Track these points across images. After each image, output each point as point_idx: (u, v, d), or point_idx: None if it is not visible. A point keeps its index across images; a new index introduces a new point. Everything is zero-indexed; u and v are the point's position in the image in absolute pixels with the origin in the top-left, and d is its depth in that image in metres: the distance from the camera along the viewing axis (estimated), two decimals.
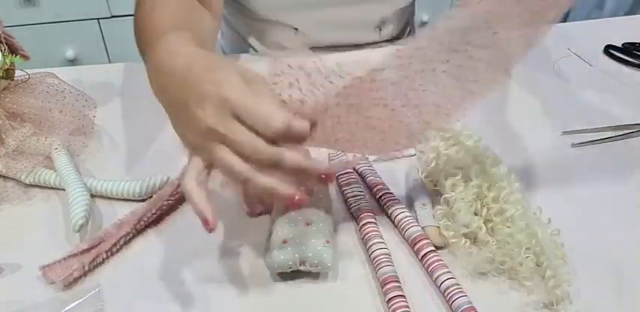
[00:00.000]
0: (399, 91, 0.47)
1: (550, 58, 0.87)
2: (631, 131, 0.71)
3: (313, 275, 0.53)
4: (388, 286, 0.51)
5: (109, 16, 1.75)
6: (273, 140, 0.43)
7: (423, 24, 2.02)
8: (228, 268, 0.54)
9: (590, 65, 0.86)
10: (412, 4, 0.92)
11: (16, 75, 0.66)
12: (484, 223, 0.55)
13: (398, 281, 0.51)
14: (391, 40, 0.91)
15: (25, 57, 0.67)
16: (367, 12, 0.85)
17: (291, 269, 0.52)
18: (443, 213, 0.57)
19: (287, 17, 0.84)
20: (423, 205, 0.59)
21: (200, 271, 0.54)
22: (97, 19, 1.76)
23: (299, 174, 0.45)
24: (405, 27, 0.95)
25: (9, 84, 0.65)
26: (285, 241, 0.52)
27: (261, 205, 0.57)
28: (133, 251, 0.56)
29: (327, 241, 0.53)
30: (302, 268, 0.52)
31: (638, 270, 0.54)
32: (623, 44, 0.90)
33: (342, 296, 0.52)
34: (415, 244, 0.55)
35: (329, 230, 0.54)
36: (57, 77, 0.69)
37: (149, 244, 0.57)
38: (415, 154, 0.67)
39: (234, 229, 0.58)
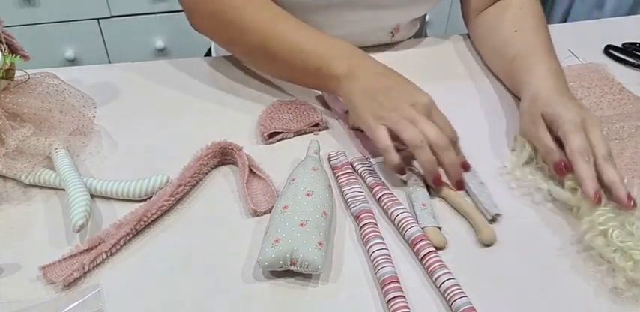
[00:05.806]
0: None
1: None
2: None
3: (313, 275, 0.53)
4: (388, 286, 0.51)
5: (108, 16, 1.75)
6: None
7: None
8: (228, 268, 0.54)
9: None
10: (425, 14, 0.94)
11: (16, 75, 0.66)
12: None
13: (398, 281, 0.51)
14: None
15: (25, 57, 0.67)
16: (384, 17, 0.86)
17: (282, 268, 0.52)
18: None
19: (307, 17, 0.85)
20: (423, 205, 0.59)
21: (200, 271, 0.54)
22: (97, 19, 1.75)
23: (451, 166, 0.61)
24: (418, 32, 0.97)
25: (9, 84, 0.65)
26: (277, 240, 0.52)
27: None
28: (133, 251, 0.56)
29: (320, 243, 0.52)
30: (292, 268, 0.52)
31: None
32: (623, 44, 0.90)
33: (342, 296, 0.52)
34: (415, 244, 0.55)
35: (324, 232, 0.54)
36: (57, 77, 0.69)
37: (149, 244, 0.57)
38: None
39: (234, 229, 0.58)
